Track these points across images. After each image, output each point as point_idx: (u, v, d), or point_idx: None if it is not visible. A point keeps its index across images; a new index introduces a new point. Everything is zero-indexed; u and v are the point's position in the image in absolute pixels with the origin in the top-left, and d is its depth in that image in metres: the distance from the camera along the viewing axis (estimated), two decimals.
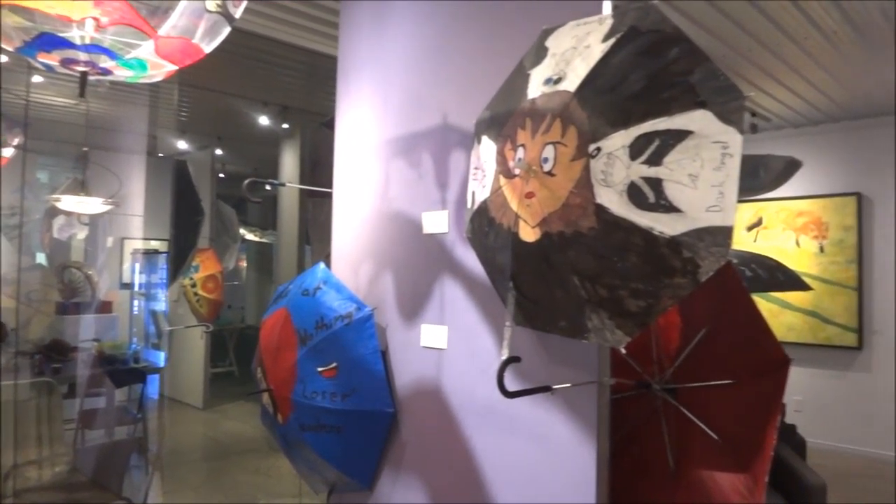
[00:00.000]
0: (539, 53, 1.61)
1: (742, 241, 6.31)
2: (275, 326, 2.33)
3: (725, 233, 1.25)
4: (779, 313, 6.15)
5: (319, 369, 2.19)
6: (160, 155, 8.14)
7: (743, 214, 6.33)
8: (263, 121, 6.60)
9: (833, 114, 5.79)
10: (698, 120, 1.28)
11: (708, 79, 1.32)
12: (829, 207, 5.98)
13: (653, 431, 1.78)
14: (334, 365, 2.18)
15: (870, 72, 4.71)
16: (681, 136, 1.29)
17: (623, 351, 1.42)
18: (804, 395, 6.01)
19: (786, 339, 6.04)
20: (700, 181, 1.27)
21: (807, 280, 5.47)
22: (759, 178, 4.53)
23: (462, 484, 2.01)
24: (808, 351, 6.02)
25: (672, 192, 1.28)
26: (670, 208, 1.28)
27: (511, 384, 1.79)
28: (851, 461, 5.24)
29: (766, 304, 6.17)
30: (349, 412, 2.17)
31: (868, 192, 5.85)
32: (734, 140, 1.26)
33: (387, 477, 2.28)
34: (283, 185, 7.20)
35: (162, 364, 6.69)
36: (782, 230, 6.20)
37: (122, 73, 1.77)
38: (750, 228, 6.36)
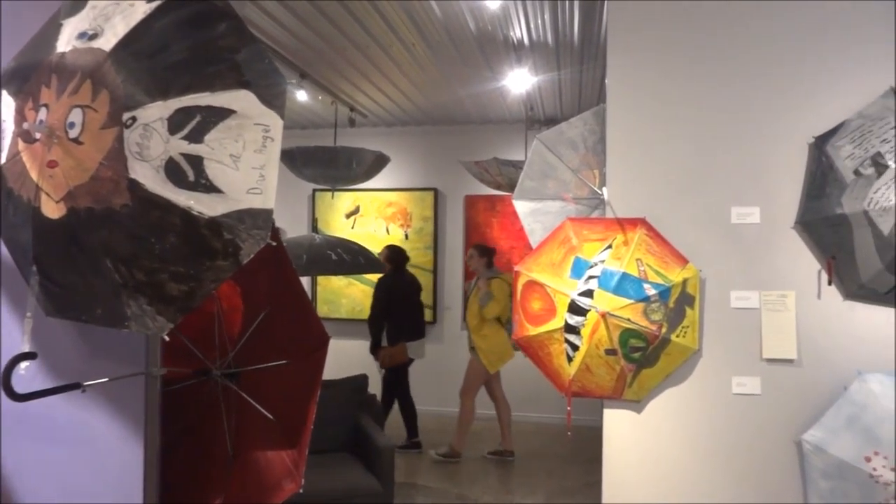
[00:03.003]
0: (77, 2, 1.40)
1: (341, 228, 6.76)
2: None
3: (266, 215, 1.27)
4: (371, 294, 6.76)
5: None
6: None
7: (343, 202, 6.78)
8: None
9: (417, 118, 6.59)
10: (241, 100, 1.26)
11: (254, 59, 1.31)
12: (413, 200, 6.81)
13: (214, 418, 1.74)
14: None
15: (443, 86, 5.47)
16: (223, 114, 1.25)
17: (167, 338, 1.33)
18: None
19: None
20: (242, 162, 1.25)
21: None
22: (352, 169, 4.87)
23: None
24: None
25: (213, 171, 1.24)
26: (210, 188, 1.23)
27: (42, 384, 1.54)
28: (428, 419, 6.06)
29: (361, 286, 6.73)
30: None
31: (442, 188, 6.83)
32: (276, 124, 1.28)
33: None
34: None
35: None
36: (375, 218, 6.83)
37: None
38: (349, 216, 6.85)
